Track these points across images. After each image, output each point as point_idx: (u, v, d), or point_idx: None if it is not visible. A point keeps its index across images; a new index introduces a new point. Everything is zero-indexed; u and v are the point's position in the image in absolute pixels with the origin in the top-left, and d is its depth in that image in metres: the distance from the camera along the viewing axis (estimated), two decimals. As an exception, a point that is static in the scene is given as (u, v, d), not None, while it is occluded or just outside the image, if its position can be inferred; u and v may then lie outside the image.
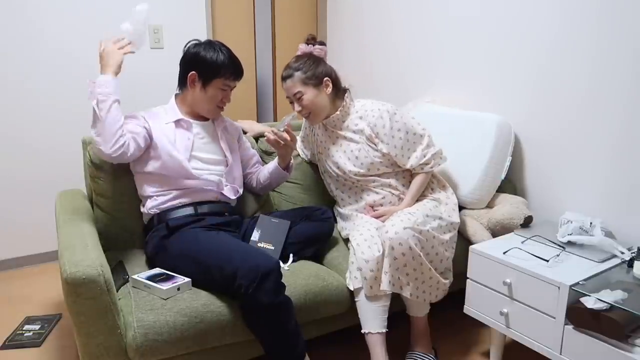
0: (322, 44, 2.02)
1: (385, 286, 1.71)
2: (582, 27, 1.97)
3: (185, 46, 1.87)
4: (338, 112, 1.98)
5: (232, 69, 1.84)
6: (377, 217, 1.93)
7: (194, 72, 1.82)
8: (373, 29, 3.07)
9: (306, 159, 2.30)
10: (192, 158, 1.83)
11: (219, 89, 1.84)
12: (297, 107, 1.96)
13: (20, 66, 2.59)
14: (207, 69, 1.81)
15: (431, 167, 1.99)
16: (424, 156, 1.96)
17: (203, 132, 1.90)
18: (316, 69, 1.93)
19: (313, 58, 1.96)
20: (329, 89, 1.96)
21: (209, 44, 1.84)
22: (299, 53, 2.01)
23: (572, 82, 2.04)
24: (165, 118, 1.85)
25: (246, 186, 2.10)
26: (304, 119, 2.22)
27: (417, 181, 1.99)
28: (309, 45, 2.00)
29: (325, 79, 1.94)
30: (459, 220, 1.95)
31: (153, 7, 2.87)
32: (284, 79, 1.95)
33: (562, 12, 2.04)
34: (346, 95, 2.01)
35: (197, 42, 1.87)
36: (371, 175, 1.97)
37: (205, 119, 1.93)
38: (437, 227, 1.82)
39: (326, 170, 2.10)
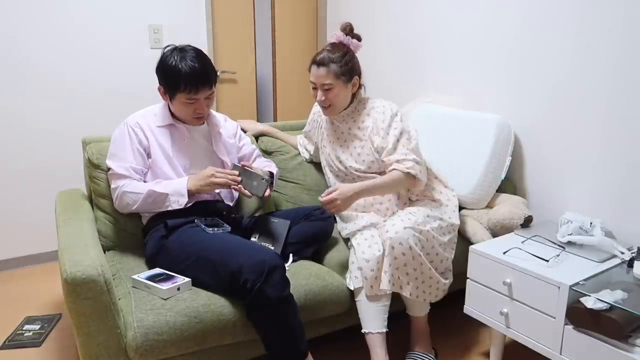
0: (359, 38, 1.96)
1: (385, 285, 1.71)
2: (583, 27, 1.97)
3: (162, 51, 1.77)
4: (349, 108, 1.98)
5: (191, 81, 1.69)
6: (329, 204, 1.75)
7: (160, 85, 1.77)
8: (373, 29, 3.07)
9: (307, 158, 2.30)
10: (186, 167, 1.81)
11: (184, 103, 1.74)
12: (319, 96, 1.92)
13: (20, 66, 2.59)
14: (168, 83, 1.73)
15: (407, 169, 1.84)
16: (405, 155, 1.86)
17: (197, 136, 1.88)
18: (352, 67, 1.91)
19: (350, 53, 1.92)
20: (356, 88, 1.96)
21: (176, 53, 1.72)
22: (333, 40, 1.95)
23: (573, 83, 2.04)
24: (158, 119, 1.82)
25: None
26: (312, 113, 2.23)
27: (390, 175, 1.84)
28: (347, 37, 1.93)
29: (356, 77, 1.94)
30: (459, 222, 1.94)
31: (153, 7, 2.88)
32: (318, 64, 1.88)
33: (561, 12, 2.04)
34: (361, 91, 2.01)
35: (170, 48, 1.75)
36: (372, 173, 1.97)
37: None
38: (437, 227, 1.82)
39: (328, 164, 2.10)
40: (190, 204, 1.76)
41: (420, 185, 1.90)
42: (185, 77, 1.69)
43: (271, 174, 1.99)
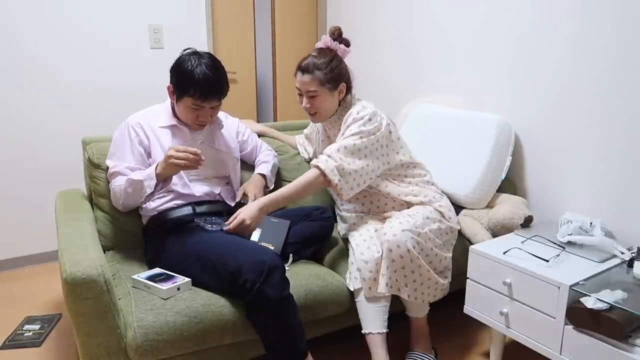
0: (348, 43, 1.91)
1: (382, 288, 1.70)
2: (583, 28, 1.97)
3: (181, 52, 1.79)
4: (336, 114, 1.95)
5: (201, 89, 1.70)
6: (237, 227, 1.68)
7: (170, 84, 1.77)
8: (373, 30, 3.07)
9: (306, 158, 2.30)
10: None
11: (189, 107, 1.75)
12: (304, 103, 1.89)
13: (20, 66, 2.59)
14: (179, 84, 1.73)
15: (318, 162, 1.75)
16: (328, 150, 1.78)
17: (198, 137, 1.88)
18: (337, 73, 1.85)
19: (337, 59, 1.87)
20: (342, 95, 1.91)
21: (195, 57, 1.73)
22: (320, 45, 1.91)
23: (573, 83, 2.04)
24: (161, 120, 1.83)
25: None
26: None
27: (302, 176, 1.77)
28: (335, 42, 1.89)
29: (342, 84, 1.89)
30: (458, 227, 1.94)
31: (153, 7, 2.88)
32: (302, 71, 1.85)
33: (562, 13, 2.04)
34: (348, 96, 1.96)
35: (190, 51, 1.77)
36: None
37: None
38: (437, 229, 1.82)
39: None
40: (164, 189, 1.77)
41: (332, 186, 1.76)
42: (197, 84, 1.70)
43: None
